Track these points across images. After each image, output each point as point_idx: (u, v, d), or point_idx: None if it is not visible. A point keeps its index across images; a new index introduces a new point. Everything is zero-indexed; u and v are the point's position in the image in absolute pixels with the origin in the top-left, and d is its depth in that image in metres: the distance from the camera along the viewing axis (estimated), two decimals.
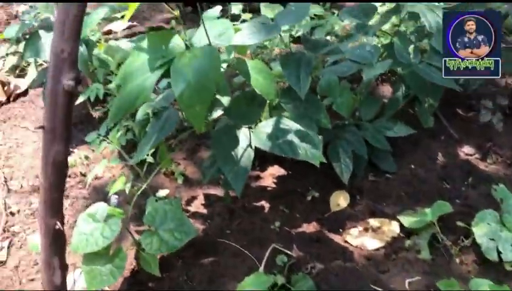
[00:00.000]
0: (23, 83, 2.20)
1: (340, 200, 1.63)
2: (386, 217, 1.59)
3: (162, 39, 1.06)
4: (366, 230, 1.55)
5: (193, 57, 1.00)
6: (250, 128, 1.29)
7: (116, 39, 2.44)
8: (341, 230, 1.54)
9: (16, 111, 2.05)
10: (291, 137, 1.25)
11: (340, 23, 2.16)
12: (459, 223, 1.50)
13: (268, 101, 1.33)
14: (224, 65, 1.24)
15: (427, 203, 1.60)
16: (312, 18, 2.70)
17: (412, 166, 1.79)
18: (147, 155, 1.51)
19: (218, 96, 1.23)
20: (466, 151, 1.88)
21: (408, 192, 1.68)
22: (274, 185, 1.67)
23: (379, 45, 1.80)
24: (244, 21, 2.64)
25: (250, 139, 1.26)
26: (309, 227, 1.54)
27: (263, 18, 1.47)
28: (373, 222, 1.57)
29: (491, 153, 1.87)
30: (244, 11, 2.63)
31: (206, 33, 1.09)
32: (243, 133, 1.28)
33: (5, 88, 2.16)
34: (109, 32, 2.53)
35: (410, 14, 1.64)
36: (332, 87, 1.63)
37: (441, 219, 1.51)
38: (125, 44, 2.28)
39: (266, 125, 1.29)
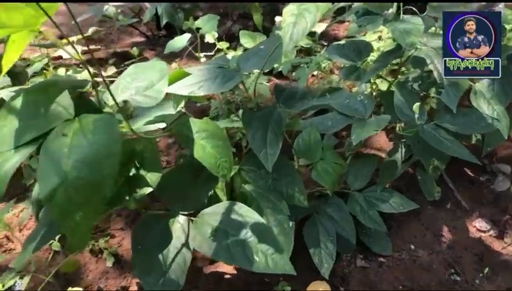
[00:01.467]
0: None
1: None
2: None
3: (44, 96, 0.69)
4: None
5: (79, 133, 0.63)
6: (190, 216, 0.92)
7: (68, 67, 2.09)
8: None
9: None
10: (245, 234, 0.88)
11: (328, 62, 1.81)
12: None
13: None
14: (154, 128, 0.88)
15: None
16: (299, 50, 2.37)
17: (412, 246, 1.42)
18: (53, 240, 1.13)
19: (142, 172, 0.86)
20: (478, 225, 1.52)
21: (405, 283, 1.31)
22: (234, 272, 1.29)
23: (373, 92, 1.46)
24: (219, 51, 2.30)
25: (187, 234, 0.89)
26: None
27: (222, 60, 1.11)
28: None
29: (509, 230, 1.51)
30: (220, 39, 2.28)
31: (111, 93, 0.73)
32: (179, 225, 0.90)
33: None
34: (59, 58, 2.17)
35: (413, 58, 1.30)
36: (312, 148, 1.27)
37: None
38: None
39: (213, 214, 0.92)
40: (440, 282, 1.32)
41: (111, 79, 2.14)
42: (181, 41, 1.91)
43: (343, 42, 1.57)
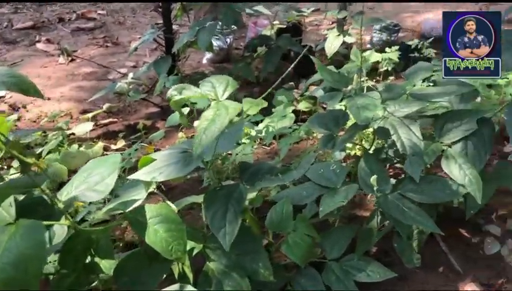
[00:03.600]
0: None
1: None
2: None
3: None
4: None
5: (12, 236, 0.73)
6: None
7: (81, 142, 2.27)
8: None
9: None
10: None
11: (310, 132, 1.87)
12: None
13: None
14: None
15: None
16: (302, 112, 2.43)
17: None
18: None
19: (97, 259, 0.94)
20: (470, 290, 1.47)
21: None
22: None
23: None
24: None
25: None
26: None
27: (187, 143, 1.21)
28: None
29: None
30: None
31: (50, 200, 0.83)
32: None
33: None
34: (72, 134, 2.36)
35: (378, 129, 1.34)
36: (284, 221, 1.31)
37: None
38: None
39: None
40: None
41: (120, 152, 2.30)
42: (178, 116, 2.04)
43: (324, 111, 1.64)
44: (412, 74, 1.60)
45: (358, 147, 1.66)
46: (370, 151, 1.49)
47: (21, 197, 0.87)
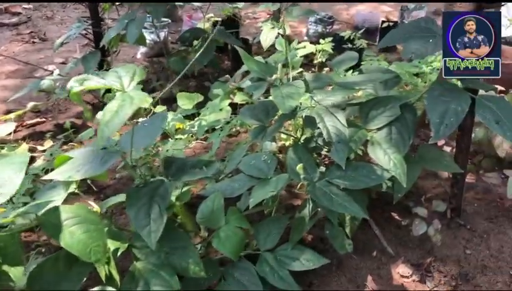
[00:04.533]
0: None
1: None
2: None
3: None
4: None
5: None
6: None
7: (4, 144, 2.12)
8: None
9: None
10: None
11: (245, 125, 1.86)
12: None
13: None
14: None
15: None
16: (239, 106, 2.42)
17: None
18: None
19: (5, 267, 0.87)
20: (401, 271, 1.52)
21: None
22: None
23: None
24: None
25: None
26: None
27: (100, 141, 1.14)
28: None
29: (432, 273, 1.51)
30: (155, 104, 2.34)
31: None
32: None
33: None
34: None
35: (306, 118, 1.34)
36: (214, 215, 1.28)
37: None
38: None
39: None
40: None
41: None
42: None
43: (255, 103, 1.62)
44: (339, 63, 1.62)
45: (292, 137, 1.67)
46: (301, 141, 1.49)
47: None
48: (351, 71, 2.10)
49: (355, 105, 1.50)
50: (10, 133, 2.21)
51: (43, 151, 2.15)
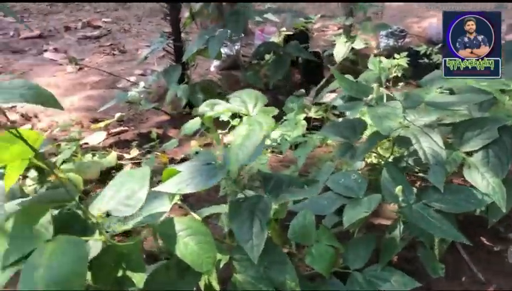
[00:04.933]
0: None
1: None
2: None
3: (30, 218, 0.80)
4: None
5: (53, 253, 0.73)
6: None
7: (94, 151, 2.27)
8: None
9: None
10: None
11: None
12: None
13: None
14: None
15: None
16: (313, 119, 2.44)
17: None
18: None
19: (129, 273, 0.94)
20: None
21: None
22: None
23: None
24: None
25: None
26: None
27: (208, 156, 1.21)
28: None
29: None
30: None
31: (84, 210, 0.83)
32: None
33: None
34: (86, 144, 2.36)
35: (398, 138, 1.33)
36: (306, 231, 1.31)
37: None
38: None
39: None
40: None
41: (135, 161, 2.30)
42: (193, 124, 2.04)
43: (340, 120, 1.63)
44: (429, 82, 1.60)
45: (374, 154, 1.66)
46: (389, 160, 1.49)
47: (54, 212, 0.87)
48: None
49: (448, 126, 1.48)
50: (100, 142, 2.36)
51: (131, 159, 2.29)
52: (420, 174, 1.54)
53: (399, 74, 2.68)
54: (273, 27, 3.66)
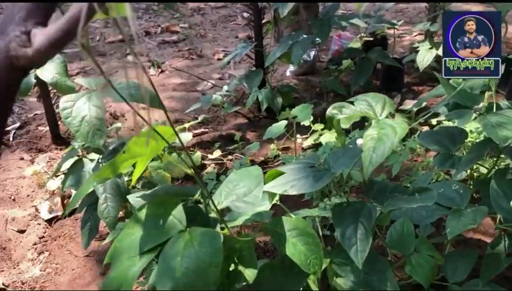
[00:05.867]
0: None
1: None
2: None
3: (162, 209, 0.85)
4: None
5: (189, 243, 0.77)
6: None
7: (179, 151, 2.36)
8: None
9: (66, 230, 1.98)
10: None
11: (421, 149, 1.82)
12: None
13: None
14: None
15: None
16: None
17: None
18: None
19: (240, 268, 0.97)
20: None
21: None
22: None
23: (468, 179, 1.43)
24: (314, 132, 2.42)
25: None
26: None
27: (312, 158, 1.21)
28: None
29: None
30: (315, 120, 2.42)
31: (214, 205, 0.86)
32: None
33: (65, 201, 2.14)
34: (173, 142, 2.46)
35: (509, 149, 1.27)
36: (405, 240, 1.28)
37: None
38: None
39: None
40: None
41: (218, 162, 2.36)
42: (278, 128, 2.07)
43: (436, 128, 1.59)
44: None
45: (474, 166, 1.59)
46: (494, 173, 1.42)
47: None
48: None
49: None
50: (186, 142, 2.46)
51: (213, 159, 2.36)
52: None
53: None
54: (349, 33, 3.63)
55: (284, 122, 2.06)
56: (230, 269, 0.99)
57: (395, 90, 2.95)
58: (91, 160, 1.57)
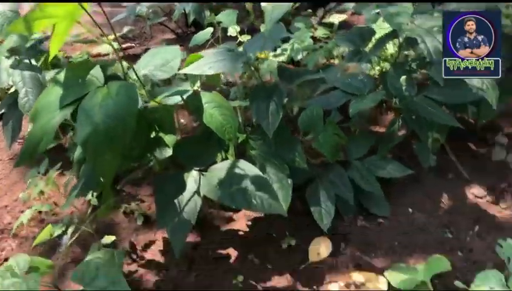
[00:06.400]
0: None
1: (321, 249, 1.42)
2: (373, 271, 1.37)
3: (81, 71, 0.91)
4: (347, 286, 1.34)
5: (107, 95, 0.85)
6: (201, 171, 1.12)
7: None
8: (317, 286, 1.34)
9: None
10: (246, 184, 1.07)
11: (338, 49, 1.97)
12: (457, 283, 1.28)
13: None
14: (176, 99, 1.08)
15: (423, 255, 1.38)
16: (318, 39, 2.52)
17: (410, 210, 1.57)
18: (91, 196, 1.37)
19: (162, 135, 1.07)
20: (476, 192, 1.64)
21: (402, 241, 1.46)
22: (247, 229, 1.48)
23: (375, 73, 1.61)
24: (241, 43, 2.49)
25: (199, 184, 1.09)
26: (280, 281, 1.34)
27: (230, 45, 1.31)
28: (358, 276, 1.36)
29: (506, 196, 1.62)
30: (242, 33, 2.48)
31: (133, 69, 0.94)
32: (192, 178, 1.11)
33: None
34: (98, 55, 2.44)
35: (407, 39, 1.44)
36: (314, 122, 1.44)
37: (438, 276, 1.29)
38: None
39: (220, 169, 1.11)
40: (435, 240, 1.46)
41: None
42: (204, 35, 2.11)
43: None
44: None
45: (377, 67, 1.76)
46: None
47: None
48: None
49: None
50: (109, 54, 2.43)
51: None
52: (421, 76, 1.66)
53: None
54: None
55: (210, 29, 2.10)
56: (152, 136, 1.08)
57: (323, 4, 3.05)
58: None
